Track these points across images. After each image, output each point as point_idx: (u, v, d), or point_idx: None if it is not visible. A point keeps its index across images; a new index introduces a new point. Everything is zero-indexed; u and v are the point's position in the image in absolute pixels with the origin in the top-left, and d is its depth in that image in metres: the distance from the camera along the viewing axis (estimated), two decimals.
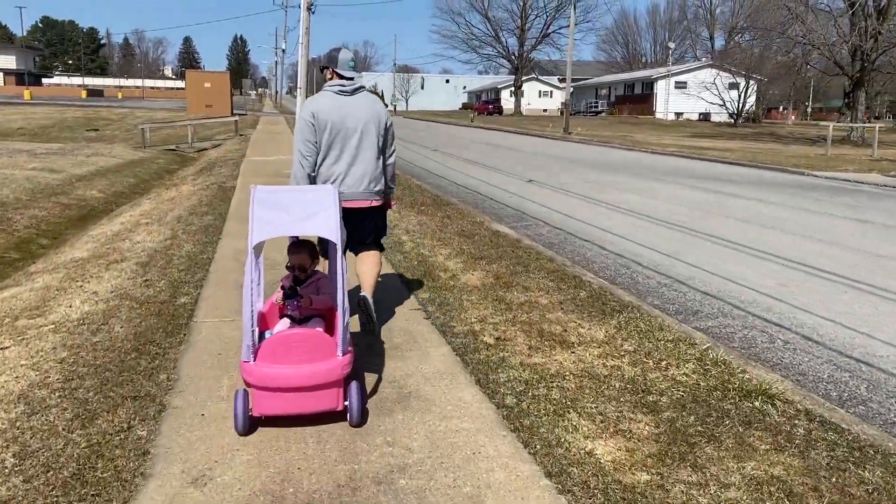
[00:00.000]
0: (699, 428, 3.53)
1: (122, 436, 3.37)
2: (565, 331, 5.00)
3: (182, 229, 8.72)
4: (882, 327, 5.57)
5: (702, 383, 4.11)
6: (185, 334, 4.82)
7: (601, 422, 3.59)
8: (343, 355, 3.48)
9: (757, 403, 3.83)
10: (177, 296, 5.74)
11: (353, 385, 3.52)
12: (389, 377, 4.13)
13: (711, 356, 4.50)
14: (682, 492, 2.94)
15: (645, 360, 4.49)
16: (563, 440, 3.39)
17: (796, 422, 3.63)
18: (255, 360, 3.41)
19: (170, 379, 4.07)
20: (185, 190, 13.61)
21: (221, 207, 10.40)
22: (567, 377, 4.17)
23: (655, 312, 5.55)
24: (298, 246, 4.00)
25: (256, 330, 3.54)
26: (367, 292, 4.83)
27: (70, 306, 5.55)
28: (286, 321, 3.91)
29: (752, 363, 4.52)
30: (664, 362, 4.44)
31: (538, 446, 3.33)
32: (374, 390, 3.95)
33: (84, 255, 7.92)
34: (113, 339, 4.71)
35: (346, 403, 3.51)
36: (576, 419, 3.61)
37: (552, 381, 4.09)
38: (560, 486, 2.99)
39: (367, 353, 4.47)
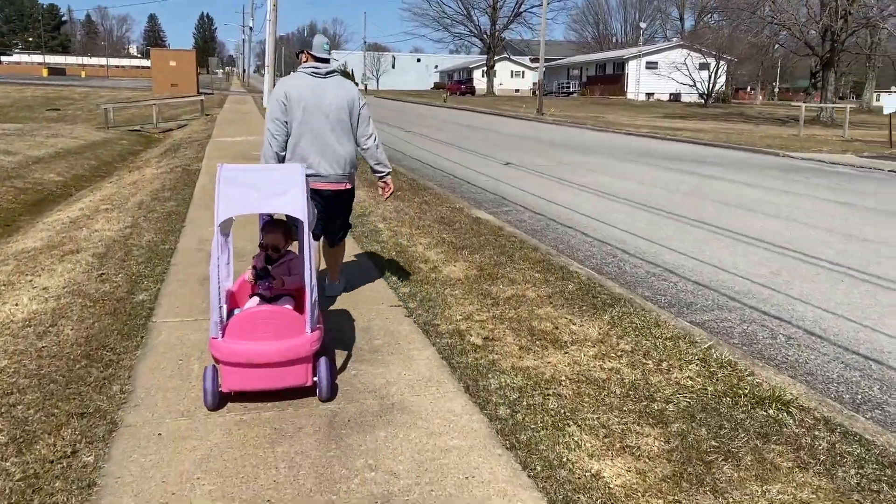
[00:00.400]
0: (713, 443, 3.21)
1: (64, 463, 2.95)
2: (556, 328, 4.66)
3: (143, 216, 8.21)
4: (885, 320, 5.32)
5: (709, 388, 3.79)
6: (142, 337, 4.39)
7: (605, 436, 3.25)
8: (312, 332, 3.49)
9: (771, 412, 3.52)
10: (135, 292, 5.29)
11: (323, 361, 3.53)
12: (370, 385, 3.75)
13: (715, 356, 4.19)
14: None
15: (644, 360, 4.17)
16: (565, 460, 3.04)
17: (816, 433, 3.33)
18: (223, 337, 3.41)
19: (123, 391, 3.64)
20: (149, 173, 13.02)
21: (185, 192, 9.87)
22: (563, 382, 3.82)
23: (649, 306, 5.23)
24: (273, 225, 3.94)
25: (224, 307, 3.54)
26: (333, 280, 5.21)
27: (17, 304, 5.07)
28: (256, 299, 3.84)
29: (758, 363, 4.22)
30: (665, 364, 4.12)
31: (538, 468, 2.98)
32: (353, 399, 3.57)
33: (37, 245, 7.39)
34: (61, 343, 4.26)
35: (316, 379, 3.52)
36: (577, 434, 3.26)
37: (547, 388, 3.74)
38: None
39: (344, 355, 4.08)
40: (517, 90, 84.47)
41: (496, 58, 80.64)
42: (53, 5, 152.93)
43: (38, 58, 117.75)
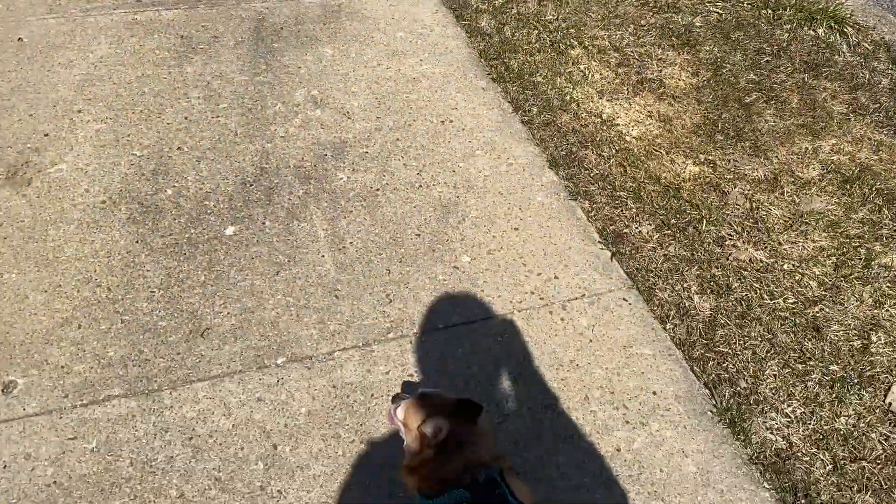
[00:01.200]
0: (752, 76, 2.53)
1: None
2: None
3: None
4: None
5: None
6: None
7: (618, 65, 2.52)
8: None
9: (821, 31, 2.78)
10: None
11: None
12: None
13: None
14: (746, 196, 2.07)
15: None
16: (568, 98, 2.35)
17: (875, 65, 2.66)
18: None
19: None
20: None
21: None
22: None
23: None
24: None
25: None
26: None
27: None
28: None
29: None
30: None
31: (534, 110, 2.30)
32: None
33: None
34: None
35: None
36: (584, 60, 2.52)
37: None
38: (572, 188, 2.07)
39: None
40: None
41: None
42: None
43: None
